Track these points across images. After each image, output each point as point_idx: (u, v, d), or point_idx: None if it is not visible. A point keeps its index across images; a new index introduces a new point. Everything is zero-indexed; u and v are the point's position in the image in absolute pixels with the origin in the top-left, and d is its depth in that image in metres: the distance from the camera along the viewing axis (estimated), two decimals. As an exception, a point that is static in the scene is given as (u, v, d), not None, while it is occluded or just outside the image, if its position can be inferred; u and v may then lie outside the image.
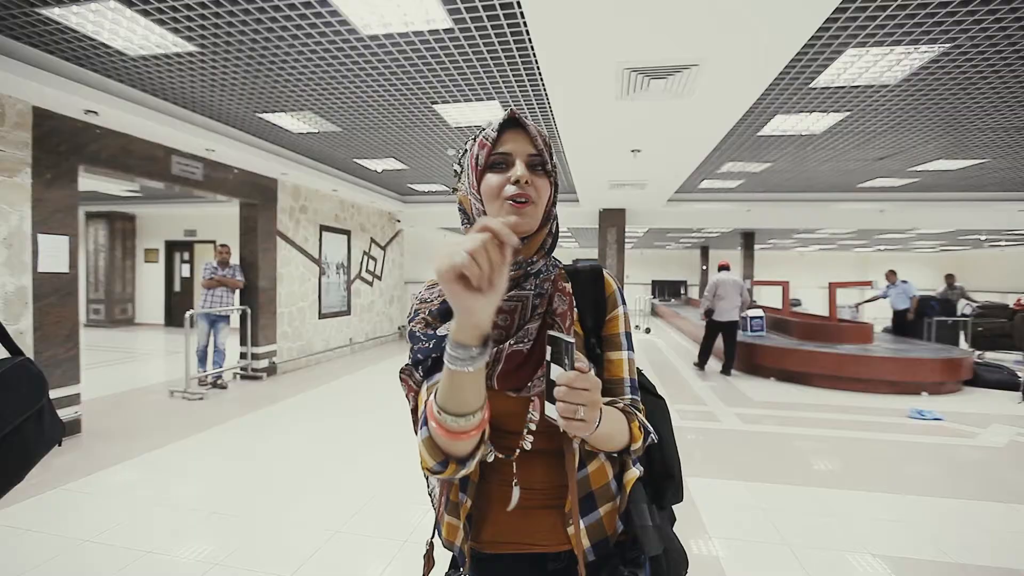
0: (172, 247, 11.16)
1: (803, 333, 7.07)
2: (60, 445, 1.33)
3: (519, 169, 0.74)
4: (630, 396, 0.84)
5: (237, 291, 5.95)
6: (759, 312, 7.68)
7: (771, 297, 13.46)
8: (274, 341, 6.45)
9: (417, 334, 0.79)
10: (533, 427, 0.76)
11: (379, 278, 9.39)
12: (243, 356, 6.18)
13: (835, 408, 5.07)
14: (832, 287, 7.62)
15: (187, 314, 5.29)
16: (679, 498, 0.93)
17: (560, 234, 1.00)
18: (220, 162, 5.57)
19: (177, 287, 11.15)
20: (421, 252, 12.32)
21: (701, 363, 7.06)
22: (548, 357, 0.66)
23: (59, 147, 3.88)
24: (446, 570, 0.86)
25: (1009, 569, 2.24)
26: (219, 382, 5.60)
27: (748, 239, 12.82)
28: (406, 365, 0.82)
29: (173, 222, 10.97)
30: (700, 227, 11.11)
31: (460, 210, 0.84)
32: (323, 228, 7.57)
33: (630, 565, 0.81)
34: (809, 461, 3.60)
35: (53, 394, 3.77)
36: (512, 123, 0.78)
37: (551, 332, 0.67)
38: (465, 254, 0.53)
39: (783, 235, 13.87)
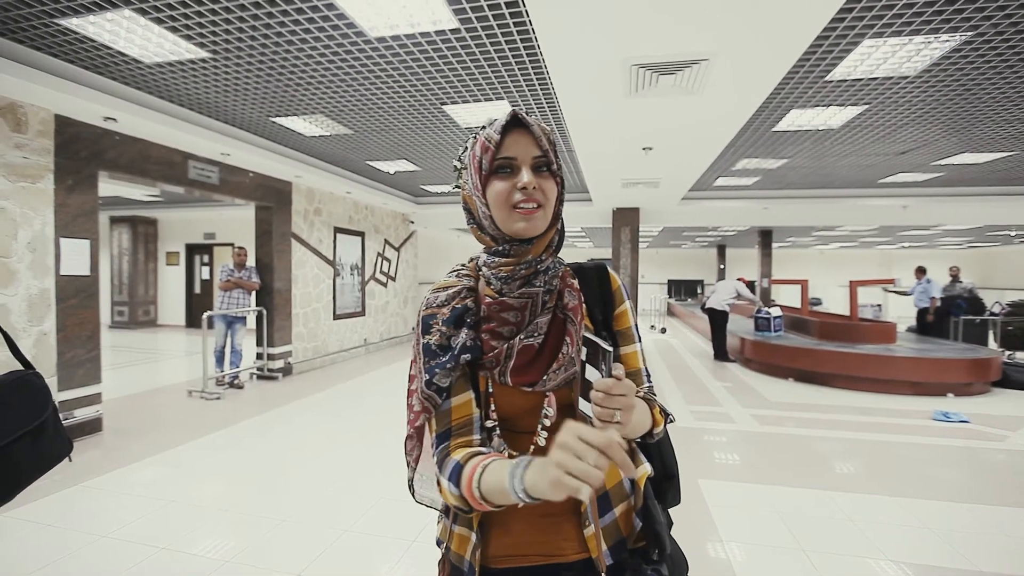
0: (192, 250, 11.40)
1: (823, 333, 6.91)
2: (71, 460, 1.32)
3: (526, 176, 0.73)
4: (647, 384, 0.86)
5: (253, 293, 6.04)
6: (778, 311, 7.55)
7: (790, 296, 13.21)
8: (289, 342, 6.54)
9: (433, 347, 0.78)
10: (548, 423, 0.76)
11: (393, 279, 9.46)
12: (259, 357, 6.27)
13: (855, 410, 4.94)
14: (853, 285, 7.44)
15: (204, 315, 5.39)
16: (678, 500, 0.92)
17: (574, 234, 0.98)
18: (236, 166, 5.67)
19: (197, 289, 11.39)
20: (435, 253, 12.38)
21: (717, 355, 7.80)
22: (583, 358, 0.67)
23: (80, 153, 3.99)
24: None
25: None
26: (236, 382, 5.70)
27: (766, 237, 12.57)
28: (425, 390, 0.77)
29: (193, 225, 11.21)
30: (716, 225, 10.94)
31: (465, 208, 0.83)
32: (337, 230, 7.65)
33: (652, 564, 0.80)
34: (827, 464, 3.51)
35: (75, 394, 3.88)
36: (515, 123, 0.76)
37: (588, 335, 0.68)
38: (593, 477, 0.54)
39: (802, 233, 13.59)
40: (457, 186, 0.84)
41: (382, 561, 2.28)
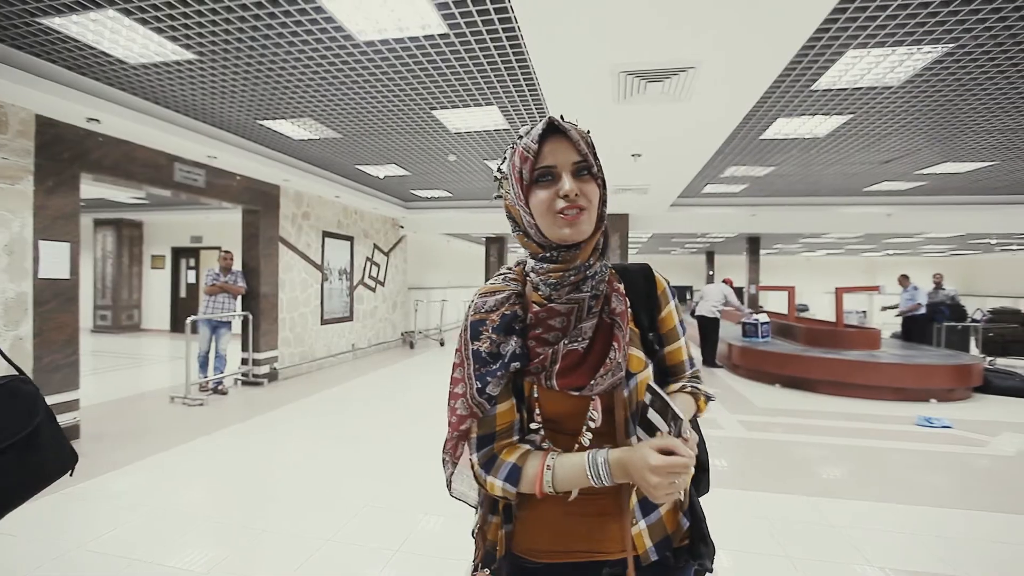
0: (178, 253, 11.25)
1: (809, 339, 6.98)
2: (71, 475, 1.22)
3: (567, 184, 0.74)
4: (692, 369, 0.92)
5: (239, 297, 5.96)
6: (765, 317, 7.60)
7: (777, 302, 13.34)
8: (275, 347, 6.45)
9: (483, 355, 0.79)
10: (593, 424, 0.77)
11: (382, 284, 9.40)
12: (244, 362, 6.18)
13: (840, 415, 4.98)
14: (839, 292, 7.52)
15: (188, 320, 5.31)
16: (708, 488, 0.96)
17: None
18: (222, 169, 5.61)
19: (183, 293, 11.22)
20: (425, 258, 12.33)
21: (706, 361, 7.74)
22: (647, 400, 0.73)
23: (61, 155, 3.91)
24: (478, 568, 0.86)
25: (1019, 583, 2.17)
26: (220, 388, 5.60)
27: (754, 244, 12.72)
28: (477, 397, 0.79)
29: (179, 229, 11.07)
30: (705, 232, 11.04)
31: (509, 217, 0.84)
32: (326, 234, 7.59)
33: (699, 558, 0.83)
34: (813, 470, 3.53)
35: (51, 400, 3.76)
36: (552, 129, 0.76)
37: (658, 389, 0.71)
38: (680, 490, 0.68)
39: (789, 239, 13.76)
40: (498, 195, 0.85)
41: (363, 571, 2.24)
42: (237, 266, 6.20)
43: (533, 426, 0.81)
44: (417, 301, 10.68)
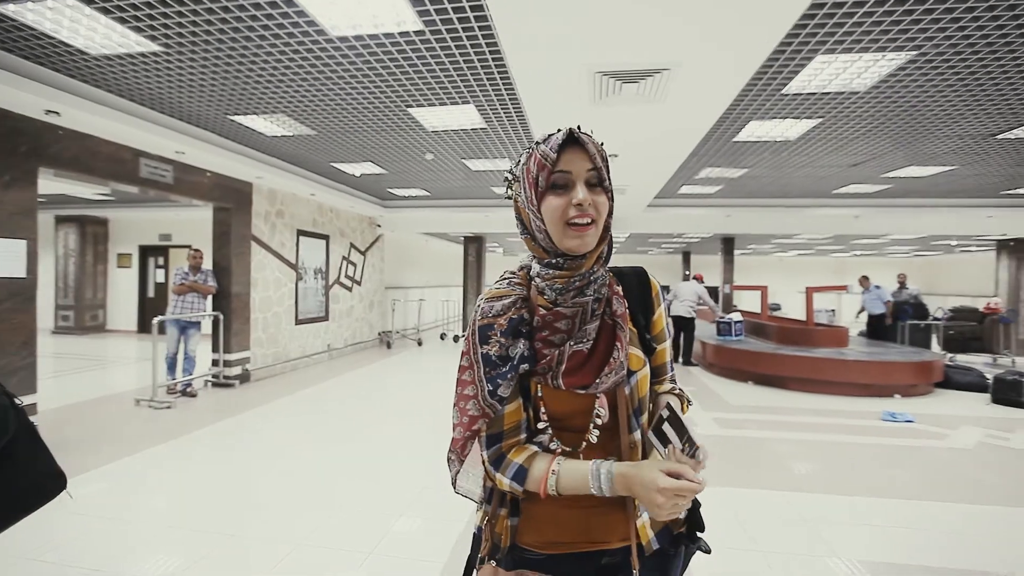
0: (146, 252, 10.89)
1: (780, 337, 7.15)
2: (71, 497, 1.13)
3: (580, 192, 0.76)
4: (671, 372, 0.97)
5: (209, 297, 5.80)
6: (738, 316, 7.76)
7: (750, 301, 13.63)
8: (247, 347, 6.30)
9: (493, 358, 0.82)
10: (600, 421, 0.81)
11: (358, 283, 9.27)
12: (215, 363, 6.02)
13: (810, 411, 5.11)
14: (809, 291, 7.73)
15: (155, 320, 5.14)
16: None
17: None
18: (191, 165, 5.45)
19: (151, 293, 10.87)
20: (403, 257, 12.21)
21: (682, 360, 7.87)
22: (664, 414, 0.78)
23: (18, 148, 3.75)
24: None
25: (981, 572, 2.25)
26: (188, 390, 5.45)
27: (728, 244, 12.95)
28: (489, 399, 0.82)
29: (147, 226, 10.71)
30: (681, 232, 11.21)
31: (517, 219, 0.86)
32: (300, 233, 7.45)
33: (697, 542, 0.89)
34: (782, 464, 3.61)
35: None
36: (570, 140, 0.78)
37: (678, 412, 0.76)
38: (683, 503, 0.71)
39: (762, 240, 14.08)
40: (508, 196, 0.88)
41: (336, 575, 2.20)
42: (207, 264, 6.03)
43: (540, 425, 0.83)
44: (394, 301, 10.57)
